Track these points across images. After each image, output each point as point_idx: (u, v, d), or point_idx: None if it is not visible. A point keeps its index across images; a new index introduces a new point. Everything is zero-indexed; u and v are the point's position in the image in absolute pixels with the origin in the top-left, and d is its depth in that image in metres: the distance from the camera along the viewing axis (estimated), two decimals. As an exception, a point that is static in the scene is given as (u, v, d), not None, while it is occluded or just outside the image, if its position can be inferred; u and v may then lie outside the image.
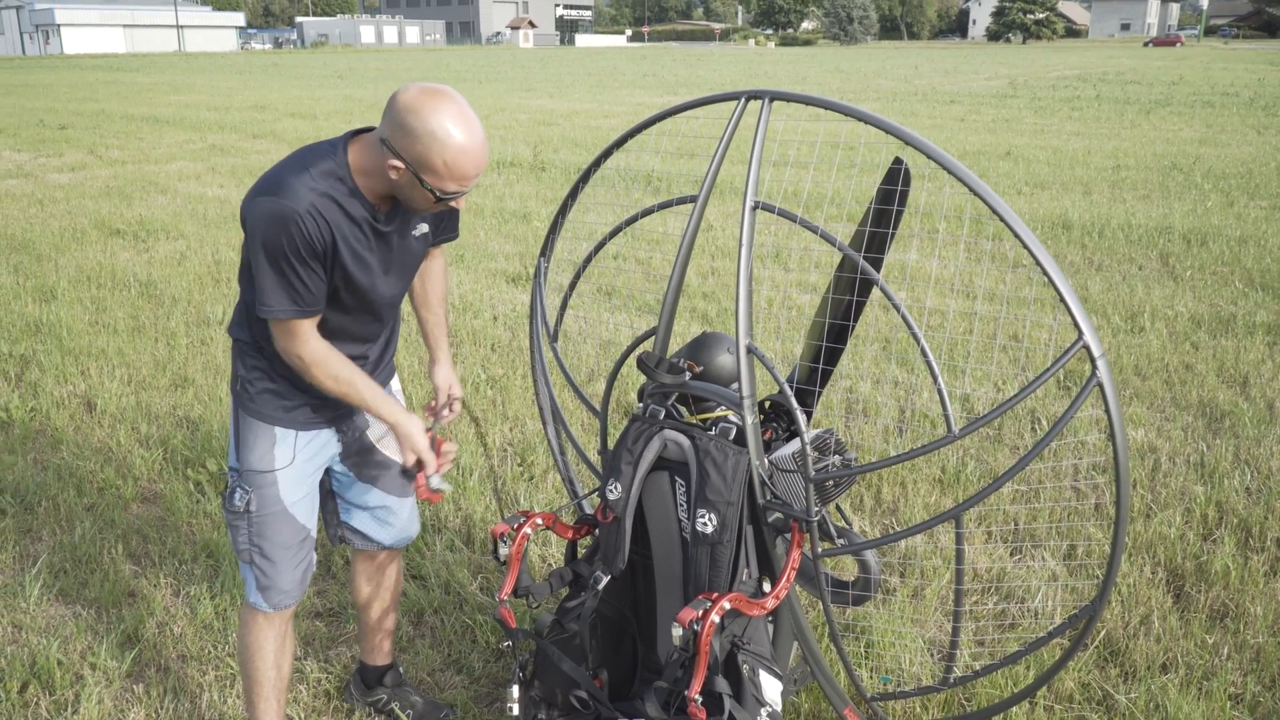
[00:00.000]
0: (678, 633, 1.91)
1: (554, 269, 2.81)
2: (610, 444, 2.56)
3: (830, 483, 2.12)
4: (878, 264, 2.22)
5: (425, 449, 2.13)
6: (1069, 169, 11.90)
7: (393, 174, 1.90)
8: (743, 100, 2.21)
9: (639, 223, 2.62)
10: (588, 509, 2.77)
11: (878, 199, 2.20)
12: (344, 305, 2.08)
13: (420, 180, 1.89)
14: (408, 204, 1.99)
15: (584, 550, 2.45)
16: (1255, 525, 3.54)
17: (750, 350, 2.10)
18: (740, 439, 2.13)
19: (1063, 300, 1.84)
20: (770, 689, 2.09)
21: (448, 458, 2.20)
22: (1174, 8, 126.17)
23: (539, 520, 2.29)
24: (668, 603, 2.33)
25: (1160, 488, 3.85)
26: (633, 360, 2.37)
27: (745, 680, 2.05)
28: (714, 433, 2.16)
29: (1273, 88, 25.26)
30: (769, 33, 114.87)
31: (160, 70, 41.41)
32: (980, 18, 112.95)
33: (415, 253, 2.17)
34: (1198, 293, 6.53)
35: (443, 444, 2.21)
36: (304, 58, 59.37)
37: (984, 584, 3.23)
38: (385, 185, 1.96)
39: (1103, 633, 2.95)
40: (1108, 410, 1.85)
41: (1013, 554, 3.43)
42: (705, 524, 2.10)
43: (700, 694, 1.91)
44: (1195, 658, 2.84)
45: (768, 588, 2.16)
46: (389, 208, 2.04)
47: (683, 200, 2.44)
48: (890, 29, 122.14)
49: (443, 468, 2.19)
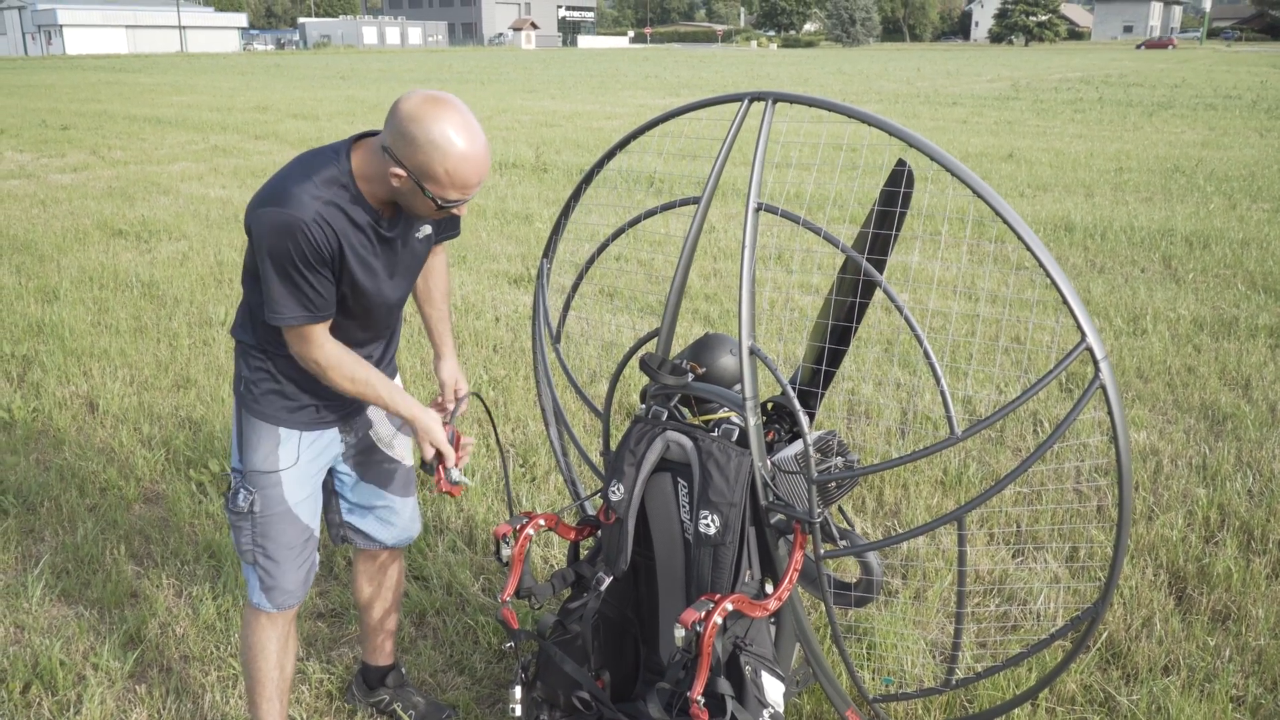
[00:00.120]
0: (680, 634, 1.91)
1: (556, 270, 2.81)
2: (613, 445, 2.56)
3: (833, 484, 2.12)
4: (881, 266, 2.22)
5: (444, 442, 2.16)
6: (1071, 171, 11.90)
7: (395, 181, 1.91)
8: (746, 102, 2.21)
9: (641, 224, 2.63)
10: (590, 510, 2.77)
11: (881, 201, 2.20)
12: (349, 310, 2.09)
13: (422, 188, 1.89)
14: (410, 210, 2.00)
15: (586, 551, 2.45)
16: (1257, 528, 3.54)
17: (753, 352, 2.10)
18: (743, 440, 2.13)
19: (1066, 303, 1.84)
20: (772, 690, 2.09)
21: (466, 451, 2.23)
22: (1177, 10, 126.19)
23: (541, 521, 2.29)
24: (670, 604, 2.34)
25: (1162, 490, 3.85)
26: (635, 362, 2.38)
27: (747, 681, 2.05)
28: (717, 434, 2.16)
29: (1275, 90, 25.25)
30: (771, 34, 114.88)
31: (162, 71, 41.46)
32: (982, 20, 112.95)
33: (419, 255, 2.17)
34: (1200, 295, 6.53)
35: (461, 438, 2.23)
36: (306, 59, 59.43)
37: (986, 586, 3.23)
38: (388, 192, 1.96)
39: (1104, 635, 2.95)
40: (1110, 413, 1.85)
41: (1015, 556, 3.43)
42: (708, 525, 2.10)
43: (702, 695, 1.91)
44: (1197, 660, 2.83)
45: (770, 589, 2.17)
46: (392, 213, 2.04)
47: (685, 202, 2.44)
48: (892, 31, 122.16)
49: (462, 461, 2.21)
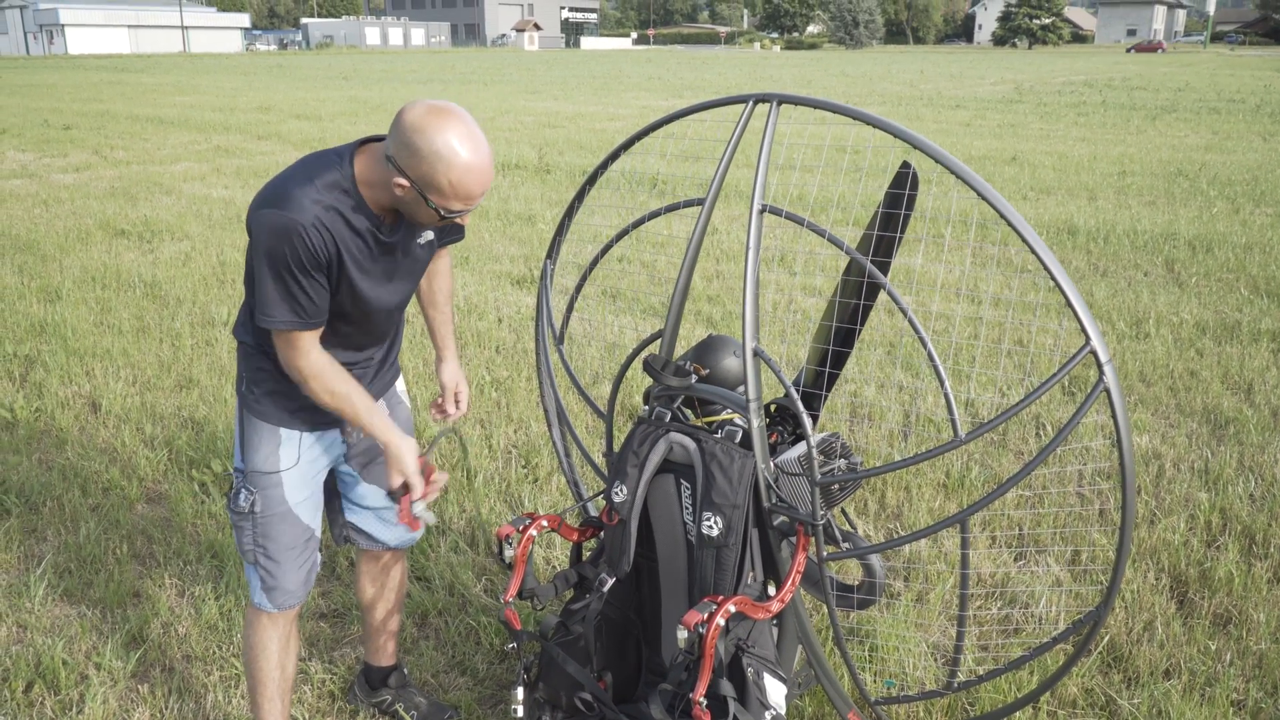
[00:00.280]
0: (683, 635, 1.91)
1: (559, 271, 2.82)
2: (616, 446, 2.56)
3: (836, 486, 2.12)
4: (885, 268, 2.22)
5: (414, 473, 2.09)
6: (1074, 174, 11.90)
7: (399, 191, 1.91)
8: (750, 104, 2.21)
9: (644, 226, 2.63)
10: (593, 511, 2.77)
11: (885, 203, 2.20)
12: (348, 314, 2.09)
13: (426, 199, 1.90)
14: (413, 219, 2.01)
15: (589, 553, 2.45)
16: (1259, 532, 3.54)
17: (756, 353, 2.10)
18: (746, 442, 2.13)
19: (1070, 305, 1.84)
20: (774, 692, 2.09)
21: (436, 487, 2.14)
22: (1180, 14, 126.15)
23: (544, 522, 2.30)
24: (672, 605, 2.34)
25: (1164, 494, 3.85)
26: (638, 363, 2.39)
27: (750, 683, 2.05)
28: (720, 436, 2.16)
29: (1279, 95, 25.22)
30: (774, 36, 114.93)
31: (165, 71, 41.52)
32: (986, 23, 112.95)
33: (420, 260, 2.18)
34: (1203, 299, 6.52)
35: (433, 472, 2.15)
36: (309, 59, 59.50)
37: (988, 589, 3.23)
38: (390, 199, 1.97)
39: (1106, 638, 2.94)
40: (1114, 416, 1.85)
41: (1017, 559, 3.43)
42: (710, 527, 2.10)
43: (705, 697, 1.91)
44: (1198, 664, 2.83)
45: (772, 591, 2.17)
46: (394, 219, 2.04)
47: (689, 203, 2.44)
48: (896, 33, 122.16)
49: (429, 496, 2.12)
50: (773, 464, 2.14)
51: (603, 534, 2.34)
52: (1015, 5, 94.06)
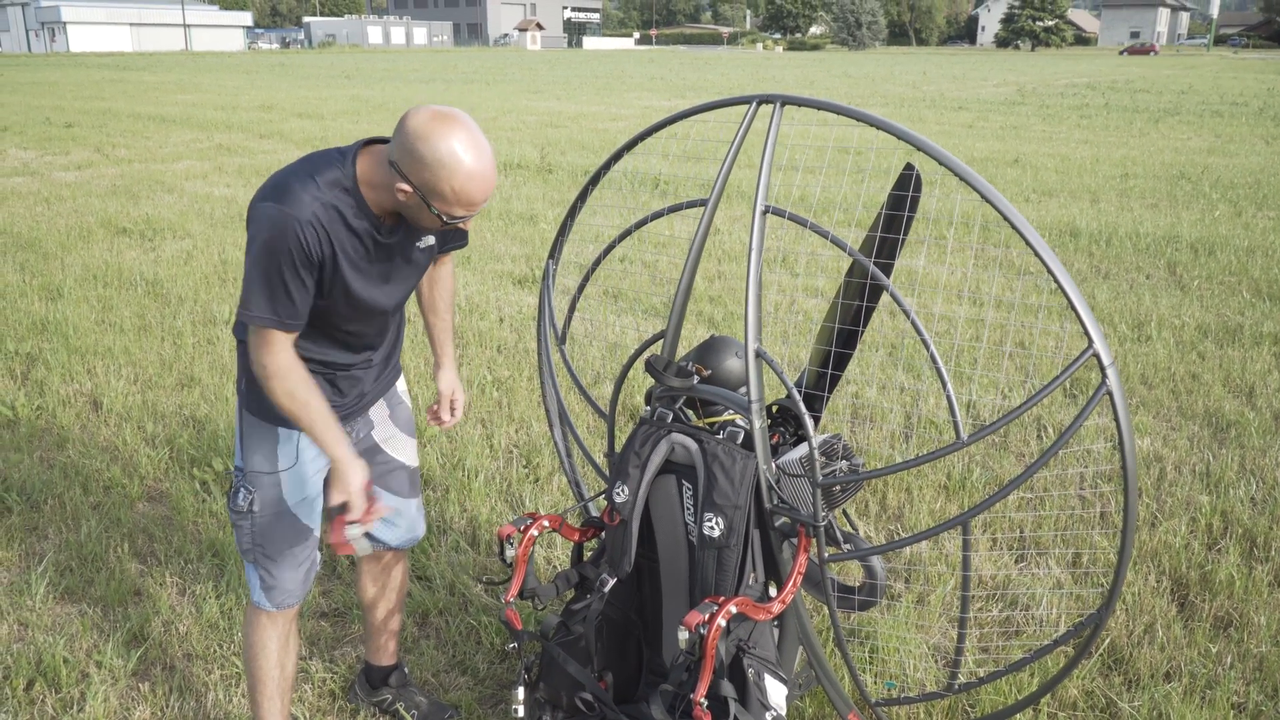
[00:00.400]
0: (684, 636, 1.91)
1: (561, 271, 2.82)
2: (617, 447, 2.56)
3: (837, 488, 2.12)
4: (888, 269, 2.22)
5: (358, 494, 2.02)
6: (1077, 177, 11.89)
7: (401, 196, 1.92)
8: (754, 105, 2.21)
9: (646, 226, 2.63)
10: (594, 512, 2.77)
11: (888, 204, 2.20)
12: (342, 314, 2.09)
13: (428, 205, 1.90)
14: (415, 223, 2.01)
15: (590, 553, 2.45)
16: (1260, 535, 3.53)
17: (758, 354, 2.10)
18: (748, 443, 2.13)
19: (1073, 308, 1.84)
20: (775, 693, 2.09)
21: (374, 515, 2.08)
22: (1184, 16, 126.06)
23: (545, 523, 2.30)
24: (673, 606, 2.34)
25: (1166, 497, 3.85)
26: (640, 363, 2.39)
27: (750, 684, 2.05)
28: (721, 437, 2.16)
29: (1281, 97, 25.22)
30: (776, 37, 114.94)
31: (167, 69, 41.54)
32: (989, 24, 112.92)
33: (418, 264, 2.18)
34: (1205, 302, 6.52)
35: (376, 504, 2.09)
36: (311, 58, 59.52)
37: (989, 591, 3.23)
38: (392, 202, 1.97)
39: (1107, 641, 2.94)
40: (1117, 419, 1.85)
41: (1018, 561, 3.43)
42: (712, 528, 2.10)
43: (705, 697, 1.91)
44: (1199, 666, 2.83)
45: (774, 592, 2.17)
46: (394, 221, 2.05)
47: (692, 204, 2.44)
48: (898, 34, 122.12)
49: (367, 521, 2.05)
50: (774, 465, 2.14)
51: (604, 534, 2.34)
52: (1018, 7, 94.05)
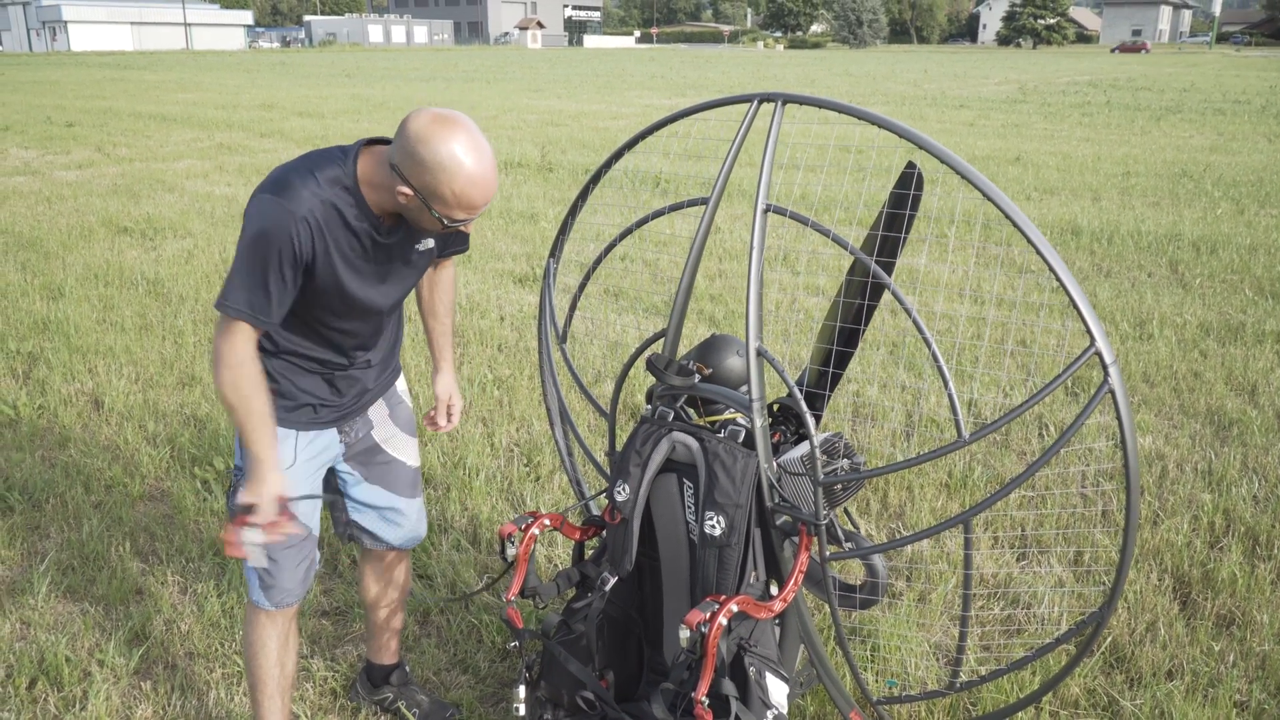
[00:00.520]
0: (685, 634, 1.91)
1: (562, 270, 2.81)
2: (618, 445, 2.56)
3: (839, 486, 2.12)
4: (889, 268, 2.22)
5: (269, 501, 1.97)
6: (1078, 175, 11.88)
7: (402, 199, 1.92)
8: (755, 103, 2.21)
9: (647, 224, 2.63)
10: (595, 510, 2.77)
11: (890, 203, 2.20)
12: (336, 312, 2.10)
13: (429, 207, 1.90)
14: (416, 225, 2.02)
15: (591, 551, 2.45)
16: (1262, 533, 3.53)
17: (760, 353, 2.10)
18: (749, 442, 2.13)
19: (1075, 306, 1.83)
20: (776, 691, 2.09)
21: (279, 531, 2.01)
22: (1186, 14, 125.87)
23: (546, 521, 2.30)
24: (674, 605, 2.34)
25: (1168, 495, 3.84)
26: (641, 362, 2.38)
27: (751, 683, 2.05)
28: (723, 435, 2.16)
29: (1282, 95, 25.18)
30: (777, 35, 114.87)
31: (168, 68, 41.55)
32: (990, 22, 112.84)
33: (416, 266, 2.18)
34: (1207, 300, 6.51)
35: (287, 518, 2.03)
36: (311, 56, 59.51)
37: (990, 589, 3.23)
38: (392, 203, 1.97)
39: (1109, 639, 2.94)
40: (1119, 417, 1.85)
41: (1019, 559, 3.42)
42: (713, 526, 2.10)
43: (706, 696, 1.91)
44: (1201, 665, 2.83)
45: (775, 590, 2.16)
46: (393, 221, 2.05)
47: (693, 202, 2.44)
48: (900, 33, 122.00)
49: (271, 534, 1.98)
50: (775, 463, 2.14)
51: (605, 533, 2.34)
52: (1020, 5, 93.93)
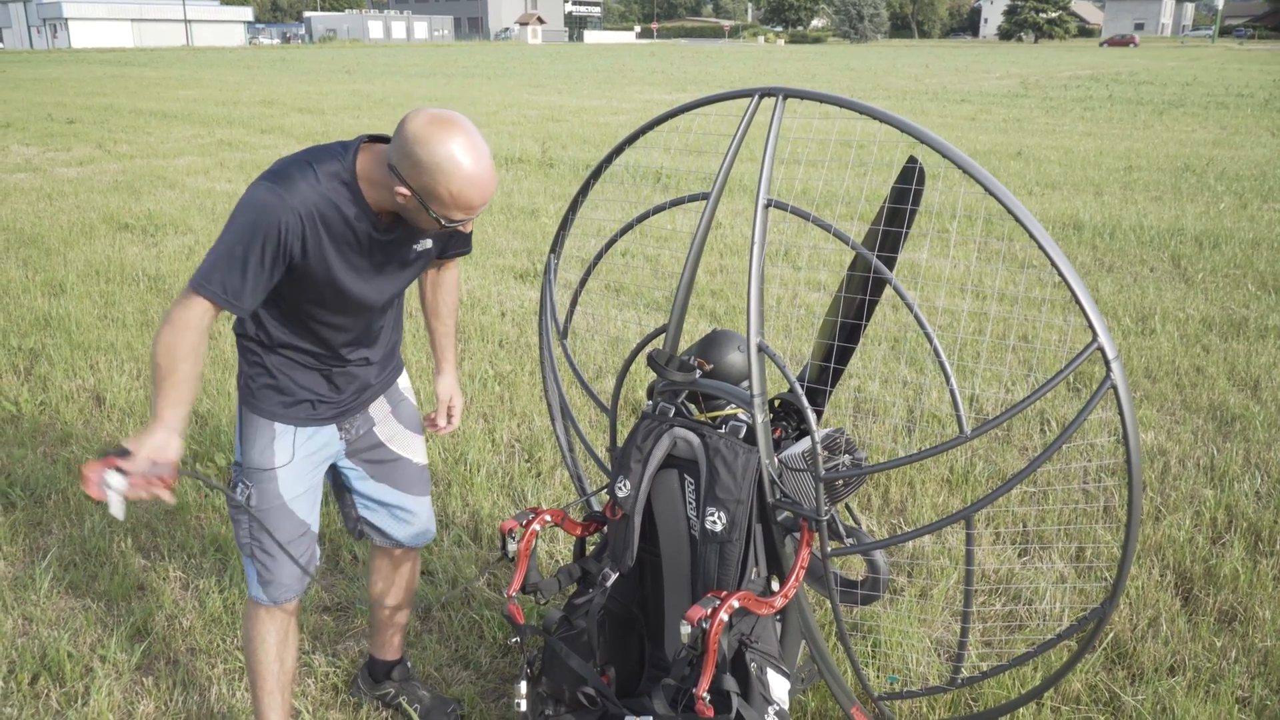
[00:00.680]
0: (686, 630, 1.91)
1: (563, 265, 2.81)
2: (619, 441, 2.55)
3: (840, 482, 2.11)
4: (891, 263, 2.21)
5: (145, 452, 1.88)
6: (1080, 169, 11.86)
7: (400, 199, 1.92)
8: (756, 97, 2.20)
9: (648, 220, 2.62)
10: (596, 506, 2.77)
11: (891, 197, 2.19)
12: (328, 305, 2.10)
13: (426, 208, 1.91)
14: (414, 225, 2.02)
15: (592, 547, 2.45)
16: (1265, 529, 3.53)
17: (761, 348, 2.10)
18: (750, 437, 2.12)
19: (1077, 301, 1.83)
20: (778, 687, 2.09)
21: (150, 485, 1.91)
22: (1189, 7, 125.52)
23: (548, 517, 2.29)
24: (676, 600, 2.33)
25: (1170, 490, 3.84)
26: (642, 358, 2.38)
27: (753, 678, 2.04)
28: (724, 431, 2.16)
29: (1285, 89, 25.11)
30: (778, 30, 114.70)
31: (168, 65, 41.51)
32: (992, 16, 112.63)
33: (412, 265, 2.18)
34: (1209, 295, 6.50)
35: (168, 481, 1.92)
36: (312, 53, 59.45)
37: (992, 585, 3.22)
38: (390, 202, 1.98)
39: (1110, 635, 2.94)
40: (1121, 413, 1.84)
41: (1021, 555, 3.42)
42: (714, 522, 2.10)
43: (708, 692, 1.90)
44: (1203, 661, 2.83)
45: (776, 586, 2.16)
46: (391, 219, 2.05)
47: (694, 198, 2.43)
48: (901, 27, 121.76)
49: (138, 485, 1.88)
50: (777, 459, 2.14)
51: (606, 529, 2.34)
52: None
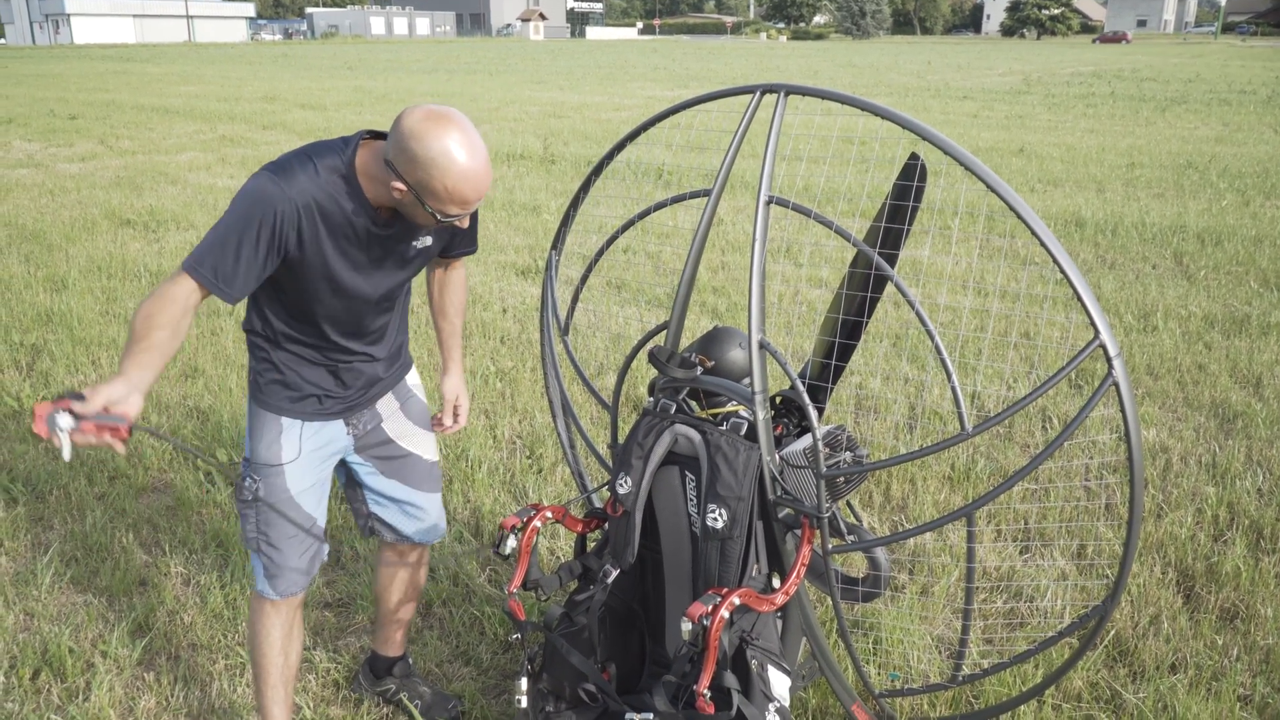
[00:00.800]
0: (687, 627, 1.91)
1: (564, 262, 2.81)
2: (621, 438, 2.55)
3: (841, 479, 2.11)
4: (892, 260, 2.21)
5: (99, 398, 1.82)
6: (1083, 166, 11.84)
7: (396, 194, 1.94)
8: (758, 94, 2.20)
9: (650, 216, 2.62)
10: (597, 503, 2.77)
11: (893, 194, 2.19)
12: (325, 300, 2.11)
13: (422, 203, 1.92)
14: (411, 220, 2.03)
15: (593, 544, 2.45)
16: (1267, 527, 3.52)
17: (762, 345, 2.10)
18: (751, 434, 2.12)
19: (1079, 298, 1.82)
20: (778, 684, 2.09)
21: (101, 433, 1.84)
22: (1191, 4, 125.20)
23: (548, 513, 2.29)
24: (677, 597, 2.33)
25: (1171, 488, 3.83)
26: (643, 354, 2.37)
27: (754, 675, 2.04)
28: (725, 428, 2.15)
29: (1288, 86, 25.05)
30: (780, 26, 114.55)
31: (170, 61, 41.49)
32: (994, 13, 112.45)
33: (411, 261, 2.19)
34: (1212, 292, 6.49)
35: (124, 431, 1.85)
36: (314, 49, 59.41)
37: (993, 582, 3.22)
38: (388, 197, 1.99)
39: (1112, 632, 2.94)
40: (1123, 410, 1.84)
41: (1022, 553, 3.42)
42: (715, 519, 2.10)
43: (708, 689, 1.90)
44: (1204, 658, 2.82)
45: (777, 583, 2.16)
46: (389, 214, 2.07)
47: (696, 194, 2.43)
48: (903, 23, 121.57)
49: (82, 435, 1.82)
50: (778, 456, 2.13)
51: (607, 525, 2.34)
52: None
